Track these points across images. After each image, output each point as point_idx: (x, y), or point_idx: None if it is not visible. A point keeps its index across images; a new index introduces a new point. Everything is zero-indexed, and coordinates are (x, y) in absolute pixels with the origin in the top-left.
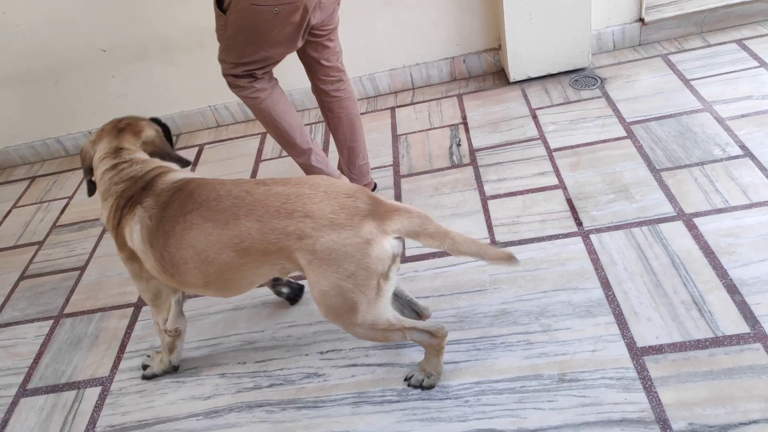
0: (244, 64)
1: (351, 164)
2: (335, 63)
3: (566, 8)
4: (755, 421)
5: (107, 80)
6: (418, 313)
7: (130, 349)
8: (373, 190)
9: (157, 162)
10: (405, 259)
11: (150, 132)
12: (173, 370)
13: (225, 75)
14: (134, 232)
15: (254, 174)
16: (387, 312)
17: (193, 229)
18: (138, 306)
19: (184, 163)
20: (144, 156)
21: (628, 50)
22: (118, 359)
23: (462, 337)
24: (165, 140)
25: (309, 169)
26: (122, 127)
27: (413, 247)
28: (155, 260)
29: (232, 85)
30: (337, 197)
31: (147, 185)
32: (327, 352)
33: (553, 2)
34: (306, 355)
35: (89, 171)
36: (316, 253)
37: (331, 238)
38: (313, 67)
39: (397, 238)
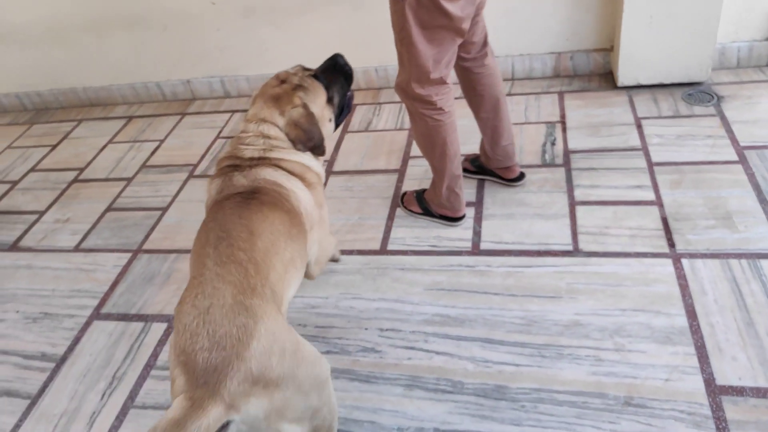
0: (435, 62)
1: (494, 144)
2: (482, 38)
3: (692, 16)
4: None
5: (212, 33)
6: None
7: None
8: (519, 178)
9: (277, 151)
10: (478, 252)
11: (296, 111)
12: None
13: (410, 91)
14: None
15: (339, 144)
16: None
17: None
18: None
19: (319, 151)
20: (273, 142)
21: (752, 70)
22: None
23: (528, 341)
24: (312, 121)
25: (449, 195)
26: (278, 94)
27: (489, 241)
28: None
29: (418, 99)
30: (226, 317)
31: (242, 167)
32: (387, 330)
33: (679, 7)
34: (366, 329)
35: None
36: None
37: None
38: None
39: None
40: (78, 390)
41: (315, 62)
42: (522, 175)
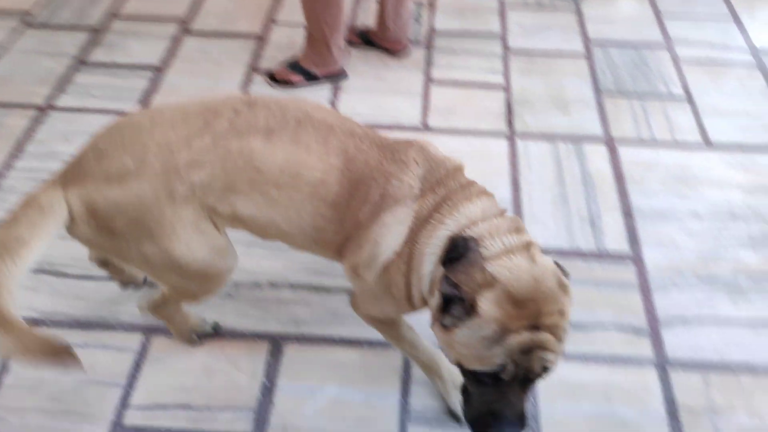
0: None
1: (397, 16)
2: None
3: None
4: (588, 328)
5: None
6: None
7: (29, 150)
8: (403, 49)
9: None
10: None
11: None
12: None
13: None
14: None
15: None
16: None
17: None
18: (43, 109)
19: None
20: None
21: None
22: (13, 158)
23: None
24: None
25: (336, 50)
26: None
27: (342, 112)
28: None
29: None
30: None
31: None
32: None
33: None
34: None
35: None
36: None
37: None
38: None
39: None
40: None
41: None
42: (408, 50)
